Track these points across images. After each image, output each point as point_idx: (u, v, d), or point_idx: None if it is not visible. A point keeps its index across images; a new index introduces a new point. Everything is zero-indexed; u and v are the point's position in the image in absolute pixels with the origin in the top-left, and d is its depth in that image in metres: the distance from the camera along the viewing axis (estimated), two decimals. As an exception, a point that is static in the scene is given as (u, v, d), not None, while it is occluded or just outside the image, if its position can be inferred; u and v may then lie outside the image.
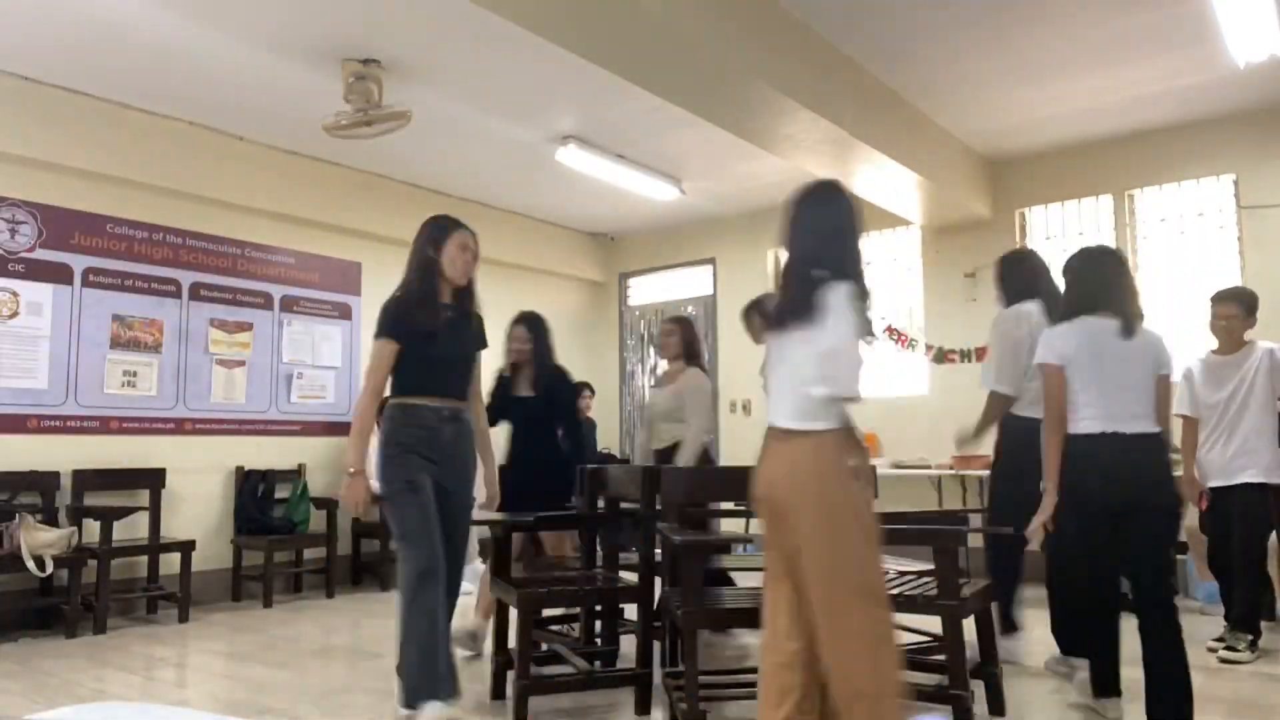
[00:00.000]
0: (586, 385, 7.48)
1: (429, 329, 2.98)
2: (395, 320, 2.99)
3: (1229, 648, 3.78)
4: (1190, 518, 4.61)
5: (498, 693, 3.32)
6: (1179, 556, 5.38)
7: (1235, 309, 4.02)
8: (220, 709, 3.24)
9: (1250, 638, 3.82)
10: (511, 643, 3.23)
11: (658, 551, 3.26)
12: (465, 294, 3.13)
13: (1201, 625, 4.58)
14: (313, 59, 4.55)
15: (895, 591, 2.89)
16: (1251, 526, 3.89)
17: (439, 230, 3.07)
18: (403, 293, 3.06)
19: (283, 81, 4.84)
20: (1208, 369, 4.09)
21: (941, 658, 2.95)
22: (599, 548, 3.77)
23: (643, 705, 3.14)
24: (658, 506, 3.27)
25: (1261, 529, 3.92)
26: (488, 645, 3.64)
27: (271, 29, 4.29)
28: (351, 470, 2.91)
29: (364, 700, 3.39)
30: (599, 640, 3.70)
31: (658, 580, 3.27)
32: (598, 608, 3.73)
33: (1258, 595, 3.96)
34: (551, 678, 3.18)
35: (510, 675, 3.17)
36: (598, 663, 3.52)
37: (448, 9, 3.92)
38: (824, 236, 2.24)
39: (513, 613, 3.18)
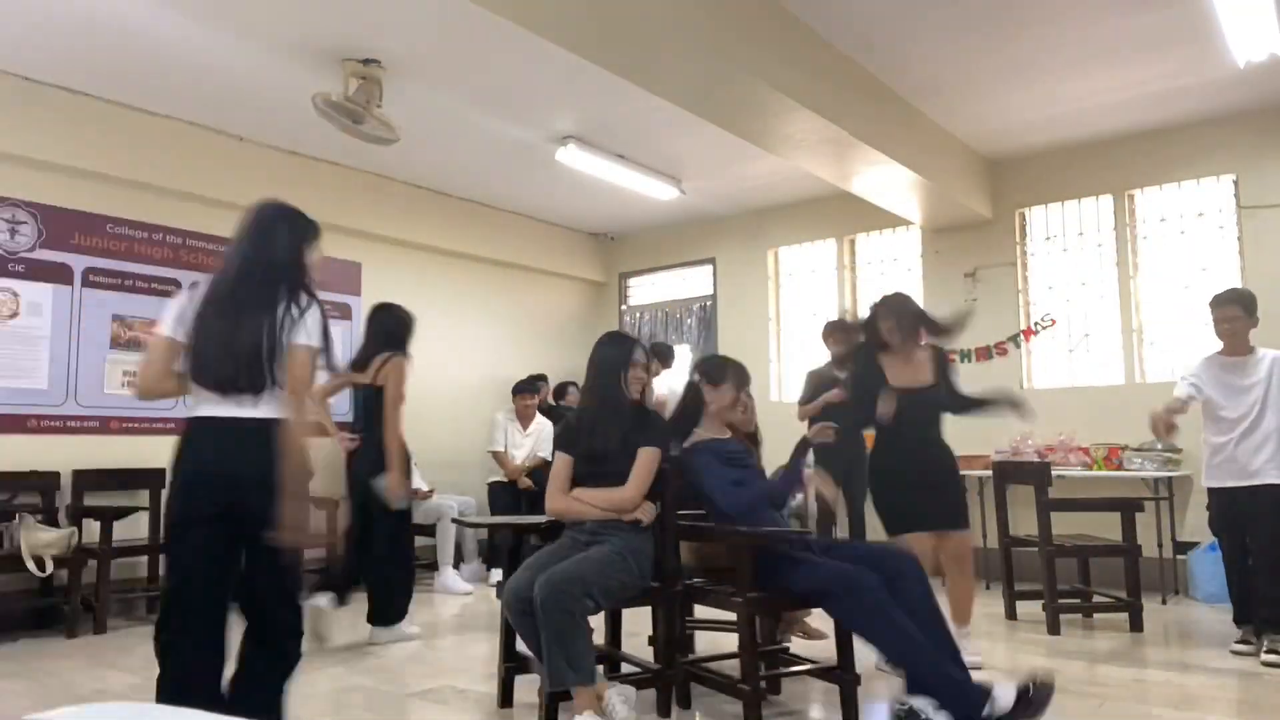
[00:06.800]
0: (572, 383, 7.43)
1: None
2: None
3: (1271, 650, 3.71)
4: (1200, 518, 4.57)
5: (505, 700, 3.23)
6: (1179, 556, 5.38)
7: (1236, 310, 4.03)
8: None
9: None
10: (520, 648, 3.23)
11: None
12: None
13: (1212, 626, 4.59)
14: (313, 59, 4.55)
15: None
16: None
17: None
18: None
19: (283, 81, 4.84)
20: (1217, 369, 4.08)
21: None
22: None
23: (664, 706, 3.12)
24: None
25: None
26: (494, 651, 3.51)
27: (272, 29, 4.29)
28: None
29: (364, 700, 3.39)
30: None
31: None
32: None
33: None
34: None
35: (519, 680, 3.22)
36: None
37: (448, 9, 3.93)
38: None
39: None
